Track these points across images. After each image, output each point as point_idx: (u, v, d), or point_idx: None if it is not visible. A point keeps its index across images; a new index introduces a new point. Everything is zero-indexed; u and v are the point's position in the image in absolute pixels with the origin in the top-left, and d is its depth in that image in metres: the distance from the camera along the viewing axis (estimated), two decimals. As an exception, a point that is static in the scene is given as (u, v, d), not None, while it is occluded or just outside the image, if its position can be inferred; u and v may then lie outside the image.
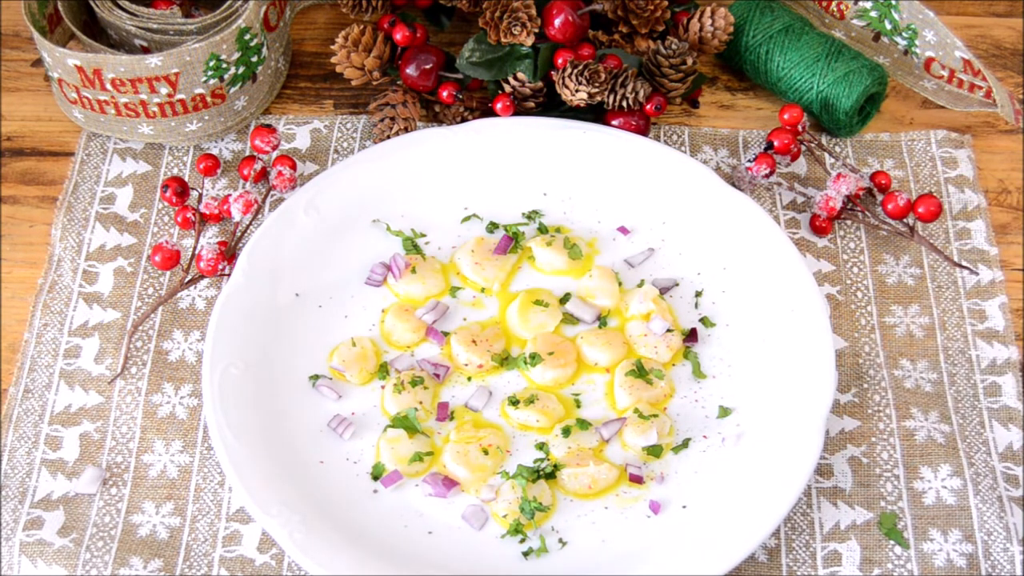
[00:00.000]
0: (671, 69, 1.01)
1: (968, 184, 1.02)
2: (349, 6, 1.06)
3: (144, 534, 0.84)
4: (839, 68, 1.02)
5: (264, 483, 0.81)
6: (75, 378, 0.90)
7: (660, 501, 0.84)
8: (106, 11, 1.01)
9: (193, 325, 0.93)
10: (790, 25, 1.05)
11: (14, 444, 0.87)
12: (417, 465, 0.85)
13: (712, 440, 0.87)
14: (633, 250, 0.97)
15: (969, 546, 0.83)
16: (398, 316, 0.92)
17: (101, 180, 1.02)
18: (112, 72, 0.96)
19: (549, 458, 0.86)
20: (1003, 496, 0.85)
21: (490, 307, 0.94)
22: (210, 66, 0.98)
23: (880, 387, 0.90)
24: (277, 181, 0.99)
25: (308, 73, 1.11)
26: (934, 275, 0.97)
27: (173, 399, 0.90)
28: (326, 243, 0.95)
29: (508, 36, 1.01)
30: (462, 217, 0.98)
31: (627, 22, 1.05)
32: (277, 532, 0.79)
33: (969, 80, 1.02)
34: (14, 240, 0.99)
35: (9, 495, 0.85)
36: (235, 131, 1.05)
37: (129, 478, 0.86)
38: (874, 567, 0.82)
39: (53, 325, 0.93)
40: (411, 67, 1.03)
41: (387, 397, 0.88)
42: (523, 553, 0.82)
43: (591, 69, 0.98)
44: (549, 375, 0.89)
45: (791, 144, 0.99)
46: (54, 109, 1.07)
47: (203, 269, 0.92)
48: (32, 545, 0.82)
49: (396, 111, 1.02)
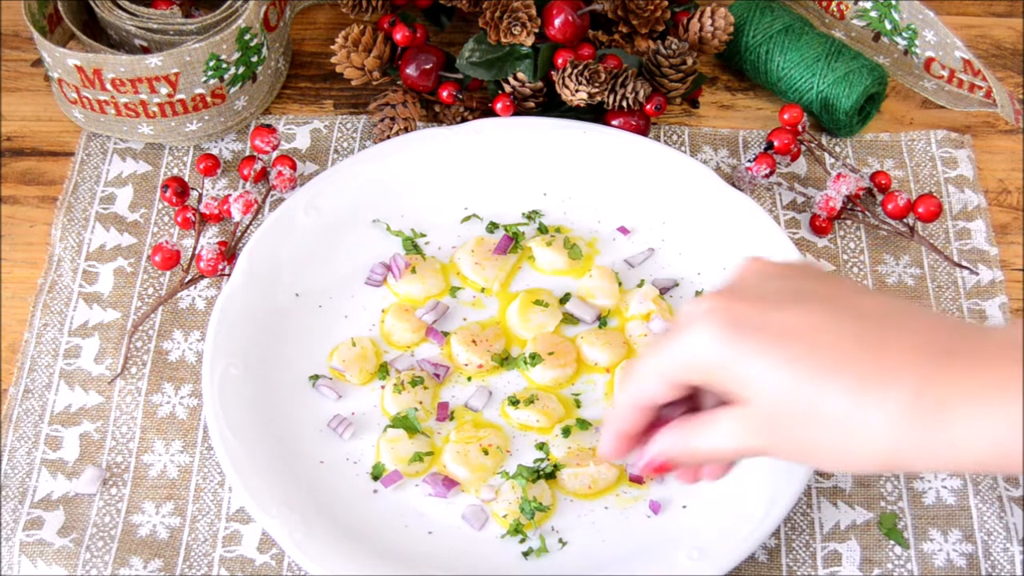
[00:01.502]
0: (671, 69, 1.02)
1: (968, 184, 1.02)
2: (349, 6, 1.06)
3: (144, 534, 0.84)
4: (839, 68, 1.02)
5: (264, 483, 0.81)
6: (75, 378, 0.90)
7: (660, 501, 0.84)
8: (106, 11, 1.01)
9: (193, 325, 0.93)
10: (790, 25, 1.05)
11: (14, 444, 0.87)
12: (417, 465, 0.85)
13: (712, 440, 0.87)
14: (633, 250, 0.97)
15: (969, 546, 0.83)
16: (398, 316, 0.92)
17: (101, 180, 1.02)
18: (112, 72, 0.96)
19: (549, 458, 0.86)
20: (1003, 496, 0.85)
21: (490, 307, 0.94)
22: (210, 66, 0.98)
23: (880, 387, 0.90)
24: (277, 181, 0.99)
25: (308, 73, 1.11)
26: (934, 275, 0.97)
27: (173, 399, 0.90)
28: (326, 243, 0.95)
29: (508, 36, 1.01)
30: (462, 217, 0.98)
31: (627, 22, 1.05)
32: (277, 532, 0.79)
33: (969, 80, 1.02)
34: (14, 240, 0.99)
35: (9, 495, 0.85)
36: (235, 131, 1.05)
37: (129, 478, 0.86)
38: (874, 567, 0.83)
39: (53, 325, 0.93)
40: (411, 67, 1.03)
41: (387, 397, 0.88)
42: (523, 553, 0.82)
43: (591, 69, 0.98)
44: (549, 375, 0.89)
45: (791, 144, 0.99)
46: (54, 109, 1.07)
47: (203, 269, 0.92)
48: (32, 545, 0.82)
49: (396, 111, 1.02)
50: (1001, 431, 0.52)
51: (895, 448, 0.55)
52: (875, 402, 0.55)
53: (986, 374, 0.54)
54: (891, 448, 0.56)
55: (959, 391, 0.54)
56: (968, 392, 0.53)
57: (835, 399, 0.56)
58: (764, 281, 0.62)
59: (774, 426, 0.60)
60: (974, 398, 0.53)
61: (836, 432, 0.57)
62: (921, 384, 0.54)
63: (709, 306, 0.61)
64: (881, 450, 0.56)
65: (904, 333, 0.57)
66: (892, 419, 0.55)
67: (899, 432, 0.55)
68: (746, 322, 0.59)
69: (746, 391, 0.60)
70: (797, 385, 0.57)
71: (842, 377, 0.56)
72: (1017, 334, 0.55)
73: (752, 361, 0.58)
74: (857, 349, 0.56)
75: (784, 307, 0.59)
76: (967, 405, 0.53)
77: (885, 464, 0.57)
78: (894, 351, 0.56)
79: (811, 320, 0.58)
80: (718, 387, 0.61)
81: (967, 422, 0.53)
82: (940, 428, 0.54)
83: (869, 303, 0.60)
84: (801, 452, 0.60)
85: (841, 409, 0.56)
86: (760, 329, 0.59)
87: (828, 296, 0.60)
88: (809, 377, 0.57)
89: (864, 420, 0.56)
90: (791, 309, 0.59)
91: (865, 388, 0.55)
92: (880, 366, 0.56)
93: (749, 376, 0.59)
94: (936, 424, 0.54)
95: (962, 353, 0.55)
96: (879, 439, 0.56)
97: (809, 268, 0.64)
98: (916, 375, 0.55)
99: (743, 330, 0.59)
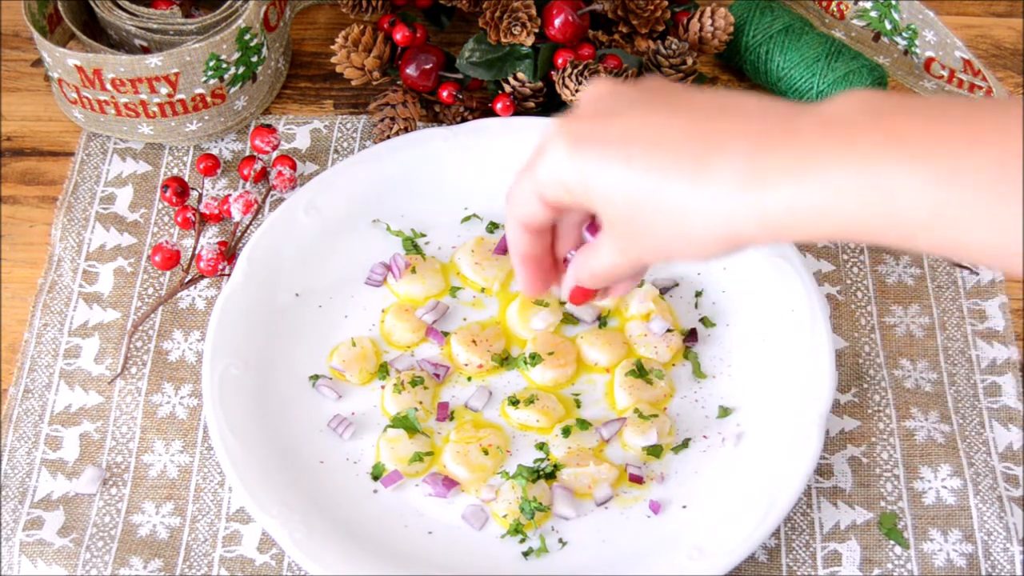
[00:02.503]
0: (671, 69, 1.02)
1: (968, 184, 1.02)
2: (349, 6, 1.06)
3: (144, 534, 0.84)
4: (839, 68, 1.02)
5: (264, 483, 0.81)
6: (75, 378, 0.90)
7: (660, 501, 0.84)
8: (106, 11, 1.01)
9: (193, 325, 0.93)
10: (790, 25, 1.05)
11: (14, 444, 0.87)
12: (417, 465, 0.85)
13: (712, 440, 0.87)
14: (633, 250, 0.97)
15: (969, 546, 0.83)
16: (398, 316, 0.92)
17: (101, 180, 1.02)
18: (112, 72, 0.96)
19: (549, 458, 0.86)
20: (1003, 496, 0.85)
21: (490, 307, 0.94)
22: (210, 66, 0.98)
23: (880, 387, 0.90)
24: (277, 181, 0.99)
25: (308, 73, 1.11)
26: (934, 275, 0.97)
27: (173, 399, 0.90)
28: (326, 243, 0.95)
29: (508, 36, 1.01)
30: (462, 217, 0.98)
31: (627, 22, 1.05)
32: (277, 532, 0.79)
33: (969, 80, 1.03)
34: (14, 240, 0.99)
35: (9, 495, 0.85)
36: (235, 131, 1.05)
37: (129, 478, 0.86)
38: (874, 567, 0.83)
39: (53, 325, 0.93)
40: (411, 67, 1.03)
41: (387, 397, 0.88)
42: (523, 553, 0.82)
43: (591, 69, 0.98)
44: (549, 375, 0.89)
45: (791, 144, 0.99)
46: (54, 109, 1.07)
47: (203, 269, 0.92)
48: (32, 545, 0.82)
49: (396, 111, 1.02)
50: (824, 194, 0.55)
51: (732, 222, 0.58)
52: (707, 181, 0.58)
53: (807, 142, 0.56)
54: (728, 222, 0.58)
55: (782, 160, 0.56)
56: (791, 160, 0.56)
57: (672, 187, 0.59)
58: (605, 97, 0.65)
59: (632, 229, 0.62)
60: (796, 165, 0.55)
61: (679, 217, 0.59)
62: (749, 157, 0.57)
63: (556, 128, 0.63)
64: (721, 226, 0.58)
65: (735, 117, 0.59)
66: (724, 191, 0.57)
67: (732, 205, 0.57)
68: (587, 135, 0.62)
69: (603, 205, 0.62)
70: (639, 183, 0.60)
71: (676, 165, 0.59)
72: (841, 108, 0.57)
73: (598, 171, 0.61)
74: (689, 138, 0.59)
75: (621, 115, 0.62)
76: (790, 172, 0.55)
77: (729, 239, 0.59)
78: (725, 134, 0.58)
79: (645, 121, 0.61)
80: (584, 206, 0.64)
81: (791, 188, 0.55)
82: (769, 195, 0.56)
83: (700, 98, 0.62)
84: (657, 248, 0.63)
85: (678, 194, 0.59)
86: (600, 140, 0.61)
87: (662, 100, 0.63)
88: (646, 172, 0.59)
89: (700, 201, 0.58)
90: (626, 115, 0.62)
91: (698, 170, 0.58)
92: (710, 149, 0.58)
93: (599, 186, 0.61)
94: (765, 192, 0.56)
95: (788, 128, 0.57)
96: (716, 216, 0.58)
97: (648, 80, 0.66)
98: (744, 151, 0.57)
99: (585, 143, 0.62)
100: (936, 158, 0.52)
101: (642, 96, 0.63)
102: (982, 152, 0.51)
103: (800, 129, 0.57)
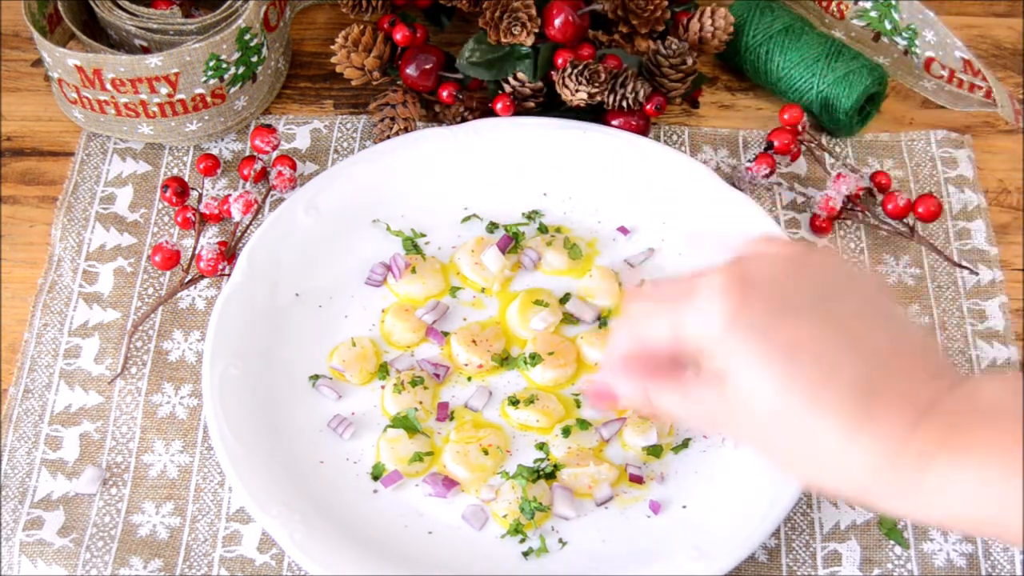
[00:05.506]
0: (671, 69, 1.02)
1: (968, 184, 1.02)
2: (349, 6, 1.06)
3: (144, 534, 0.84)
4: (839, 68, 1.02)
5: (264, 483, 0.81)
6: (75, 378, 0.90)
7: (660, 501, 0.84)
8: (106, 11, 1.01)
9: (193, 325, 0.93)
10: (790, 25, 1.05)
11: (14, 444, 0.87)
12: (417, 465, 0.85)
13: (712, 440, 0.87)
14: (633, 250, 0.97)
15: (969, 546, 0.83)
16: (398, 316, 0.92)
17: (101, 180, 1.02)
18: (112, 72, 0.96)
19: (549, 458, 0.86)
20: (1003, 496, 0.85)
21: (490, 307, 0.94)
22: (210, 66, 0.98)
23: (880, 387, 0.90)
24: (277, 181, 0.99)
25: (308, 73, 1.11)
26: (934, 275, 0.97)
27: (173, 399, 0.90)
28: (326, 243, 0.95)
29: (508, 36, 1.01)
30: (462, 217, 0.98)
31: (627, 22, 1.05)
32: (277, 532, 0.79)
33: (969, 80, 1.02)
34: (14, 240, 0.99)
35: (9, 495, 0.85)
36: (235, 131, 1.05)
37: (129, 478, 0.86)
38: (874, 567, 0.83)
39: (53, 325, 0.93)
40: (411, 67, 1.03)
41: (387, 397, 0.88)
42: (523, 553, 0.82)
43: (591, 69, 0.98)
44: (549, 375, 0.89)
45: (791, 144, 0.99)
46: (54, 109, 1.07)
47: (203, 269, 0.92)
48: (32, 545, 0.82)
49: (396, 111, 1.02)
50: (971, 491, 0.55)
51: (870, 487, 0.58)
52: (860, 445, 0.58)
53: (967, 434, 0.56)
54: (867, 486, 0.59)
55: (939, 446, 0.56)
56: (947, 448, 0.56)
57: (825, 434, 0.58)
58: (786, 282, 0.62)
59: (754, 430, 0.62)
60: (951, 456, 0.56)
61: (814, 456, 0.60)
62: (907, 434, 0.57)
63: (723, 284, 0.61)
64: (857, 486, 0.59)
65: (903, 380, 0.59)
66: (875, 460, 0.57)
67: (878, 474, 0.58)
68: (754, 322, 0.59)
69: (739, 393, 0.60)
70: (791, 410, 0.59)
71: (837, 413, 0.58)
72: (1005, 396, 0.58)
73: (749, 367, 0.59)
74: (854, 386, 0.58)
75: (794, 317, 0.60)
76: (945, 462, 0.56)
77: (857, 499, 0.61)
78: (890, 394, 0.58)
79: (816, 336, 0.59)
80: (704, 361, 0.63)
81: (942, 477, 0.56)
82: (917, 478, 0.57)
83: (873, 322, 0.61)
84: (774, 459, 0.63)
85: (825, 441, 0.58)
86: (765, 337, 0.59)
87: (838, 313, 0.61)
88: (805, 406, 0.58)
89: (846, 458, 0.58)
90: (800, 320, 0.60)
91: (855, 428, 0.58)
92: (872, 407, 0.58)
93: (744, 382, 0.60)
94: (914, 474, 0.57)
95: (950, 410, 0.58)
96: (857, 477, 0.59)
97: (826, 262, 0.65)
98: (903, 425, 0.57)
99: (750, 331, 0.59)
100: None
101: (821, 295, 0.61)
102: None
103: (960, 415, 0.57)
